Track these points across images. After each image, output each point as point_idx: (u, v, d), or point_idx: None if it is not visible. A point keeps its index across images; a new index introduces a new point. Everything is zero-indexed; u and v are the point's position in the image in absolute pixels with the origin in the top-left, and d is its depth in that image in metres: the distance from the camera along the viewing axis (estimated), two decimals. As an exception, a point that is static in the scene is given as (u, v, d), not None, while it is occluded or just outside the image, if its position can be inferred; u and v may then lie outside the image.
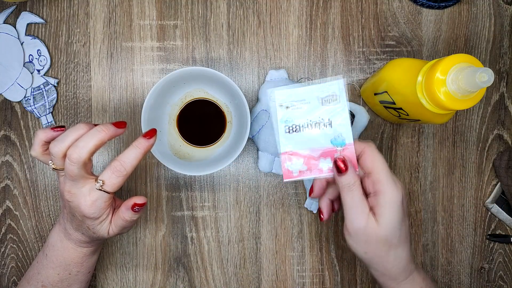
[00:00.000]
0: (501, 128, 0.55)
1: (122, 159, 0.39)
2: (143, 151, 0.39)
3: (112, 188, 0.39)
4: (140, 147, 0.39)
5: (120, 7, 0.54)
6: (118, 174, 0.39)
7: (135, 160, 0.39)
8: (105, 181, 0.39)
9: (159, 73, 0.54)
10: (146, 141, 0.39)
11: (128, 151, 0.39)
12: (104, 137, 0.38)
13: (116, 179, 0.39)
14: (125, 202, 0.42)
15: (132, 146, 0.39)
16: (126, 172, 0.39)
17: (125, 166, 0.39)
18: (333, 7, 0.54)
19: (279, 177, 0.55)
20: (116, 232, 0.42)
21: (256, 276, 0.55)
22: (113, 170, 0.39)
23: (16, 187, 0.54)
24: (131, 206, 0.41)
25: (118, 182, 0.39)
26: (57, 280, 0.45)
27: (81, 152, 0.37)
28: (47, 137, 0.41)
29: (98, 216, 0.40)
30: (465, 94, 0.36)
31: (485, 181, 0.56)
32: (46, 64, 0.53)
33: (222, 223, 0.55)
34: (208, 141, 0.53)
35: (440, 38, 0.55)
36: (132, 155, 0.39)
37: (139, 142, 0.39)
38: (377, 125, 0.55)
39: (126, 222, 0.42)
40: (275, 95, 0.40)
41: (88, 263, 0.46)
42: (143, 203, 0.42)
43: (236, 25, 0.54)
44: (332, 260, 0.55)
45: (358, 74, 0.55)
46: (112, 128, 0.39)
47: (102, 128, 0.39)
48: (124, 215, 0.42)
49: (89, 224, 0.41)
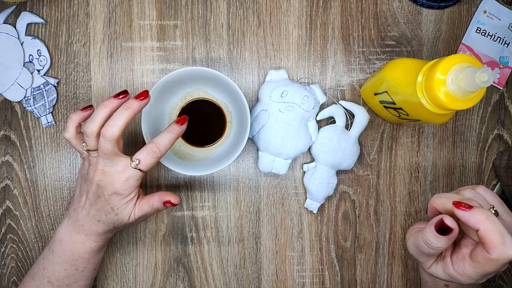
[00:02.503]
0: (501, 128, 0.55)
1: (157, 141, 0.42)
2: (175, 136, 0.43)
3: (146, 167, 0.42)
4: (173, 132, 0.43)
5: (120, 7, 0.54)
6: (153, 155, 0.42)
7: (169, 143, 0.43)
8: (140, 160, 0.42)
9: (159, 73, 0.54)
10: (179, 127, 0.44)
11: (163, 135, 0.43)
12: (130, 113, 0.41)
13: (151, 159, 0.42)
14: (161, 193, 0.45)
15: (166, 131, 0.43)
16: (160, 153, 0.42)
17: (160, 148, 0.42)
18: (333, 7, 0.54)
19: (279, 177, 0.55)
20: (136, 218, 0.45)
21: (256, 276, 0.55)
22: (148, 151, 0.42)
23: (16, 187, 0.54)
24: (165, 202, 0.45)
25: (152, 162, 0.42)
26: (64, 275, 0.45)
27: (113, 130, 0.41)
28: (80, 118, 0.44)
29: (128, 193, 0.43)
30: (465, 94, 0.36)
31: (485, 181, 0.56)
32: (46, 64, 0.53)
33: (222, 223, 0.55)
34: (208, 141, 0.53)
35: (440, 38, 0.55)
36: (166, 138, 0.43)
37: (172, 128, 0.43)
38: (377, 125, 0.55)
39: (153, 210, 0.45)
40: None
41: (95, 260, 0.47)
42: (176, 204, 0.45)
43: (236, 25, 0.54)
44: (332, 260, 0.55)
45: (358, 74, 0.55)
46: (136, 104, 0.42)
47: (127, 105, 0.42)
48: (154, 203, 0.45)
49: (115, 204, 0.43)
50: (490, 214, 0.32)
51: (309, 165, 0.53)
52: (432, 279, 0.43)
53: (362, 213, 0.55)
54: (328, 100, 0.54)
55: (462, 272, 0.34)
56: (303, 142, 0.51)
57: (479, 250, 0.33)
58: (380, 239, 0.55)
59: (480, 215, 0.32)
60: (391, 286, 0.55)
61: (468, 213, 0.32)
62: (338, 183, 0.55)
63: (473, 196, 0.36)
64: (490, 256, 0.32)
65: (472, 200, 0.34)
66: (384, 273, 0.55)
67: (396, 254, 0.55)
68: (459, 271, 0.35)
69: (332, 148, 0.52)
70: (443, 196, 0.36)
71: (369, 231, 0.55)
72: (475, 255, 0.33)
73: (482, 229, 0.32)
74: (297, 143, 0.51)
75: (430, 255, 0.36)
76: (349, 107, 0.53)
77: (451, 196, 0.35)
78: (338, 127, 0.52)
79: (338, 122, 0.53)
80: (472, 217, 0.32)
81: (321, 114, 0.53)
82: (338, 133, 0.52)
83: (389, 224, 0.55)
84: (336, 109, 0.53)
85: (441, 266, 0.36)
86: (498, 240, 0.31)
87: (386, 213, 0.55)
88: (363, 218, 0.55)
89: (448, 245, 0.34)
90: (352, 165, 0.53)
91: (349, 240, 0.55)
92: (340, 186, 0.55)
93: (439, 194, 0.36)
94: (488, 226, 0.32)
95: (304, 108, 0.51)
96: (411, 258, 0.56)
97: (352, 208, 0.55)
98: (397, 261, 0.55)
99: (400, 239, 0.55)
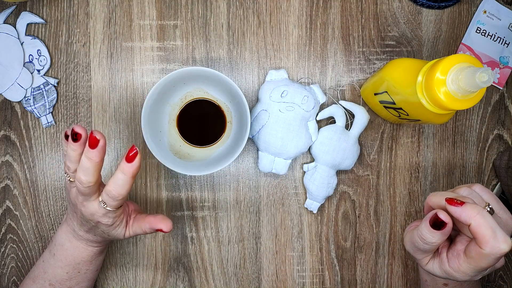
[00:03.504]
0: (501, 128, 0.55)
1: (112, 185, 0.38)
2: (129, 177, 0.38)
3: (113, 207, 0.40)
4: (125, 173, 0.38)
5: (120, 7, 0.54)
6: (115, 199, 0.39)
7: (125, 186, 0.38)
8: (105, 202, 0.39)
9: (159, 73, 0.54)
10: (129, 166, 0.38)
11: (116, 177, 0.38)
12: (94, 166, 0.37)
13: (114, 202, 0.39)
14: (152, 220, 0.43)
15: (118, 171, 0.38)
16: (121, 197, 0.39)
17: (117, 192, 0.38)
18: (333, 7, 0.54)
19: (279, 177, 0.55)
20: (131, 235, 0.44)
21: (256, 276, 0.55)
22: (108, 195, 0.39)
23: (16, 187, 0.54)
24: (156, 230, 0.43)
25: (117, 204, 0.39)
26: (66, 278, 0.45)
27: (88, 178, 0.38)
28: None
29: (112, 223, 0.42)
30: (465, 94, 0.36)
31: (485, 181, 0.56)
32: (46, 64, 0.53)
33: (222, 223, 0.55)
34: (208, 141, 0.53)
35: (440, 38, 0.55)
36: (119, 181, 0.38)
37: (122, 168, 0.38)
38: (377, 125, 0.55)
39: (145, 233, 0.44)
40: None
41: (97, 261, 0.47)
42: (167, 231, 0.43)
43: (236, 25, 0.54)
44: (332, 260, 0.55)
45: (358, 74, 0.55)
46: (94, 154, 0.37)
47: (89, 155, 0.37)
48: (146, 229, 0.43)
49: (104, 230, 0.42)
50: (481, 209, 0.32)
51: (309, 165, 0.53)
52: (431, 279, 0.43)
53: (362, 213, 0.55)
54: (328, 100, 0.54)
55: (457, 269, 0.35)
56: (303, 142, 0.51)
57: (472, 245, 0.33)
58: (380, 239, 0.55)
59: (471, 210, 0.32)
60: (391, 286, 0.55)
61: (460, 209, 0.33)
62: (338, 183, 0.55)
63: (469, 194, 0.36)
64: (482, 251, 0.32)
65: (466, 198, 0.34)
66: (384, 273, 0.55)
67: (396, 254, 0.55)
68: (455, 268, 0.35)
69: (332, 148, 0.52)
70: (438, 194, 0.36)
71: (369, 231, 0.55)
72: (469, 251, 0.34)
73: (473, 224, 0.32)
74: (297, 143, 0.51)
75: (426, 252, 0.36)
76: (349, 107, 0.53)
77: (446, 194, 0.35)
78: (338, 127, 0.52)
79: (338, 122, 0.53)
80: (463, 212, 0.33)
81: (321, 114, 0.53)
82: (338, 133, 0.52)
83: (389, 224, 0.55)
84: (336, 109, 0.53)
85: (438, 263, 0.37)
86: (490, 234, 0.32)
87: (386, 213, 0.55)
88: (363, 218, 0.55)
89: (443, 241, 0.35)
90: (352, 165, 0.53)
91: (349, 240, 0.55)
92: (340, 186, 0.55)
93: (434, 192, 0.37)
94: (479, 221, 0.32)
95: (304, 108, 0.51)
96: (411, 258, 0.56)
97: (352, 208, 0.55)
98: (397, 261, 0.55)
99: (400, 239, 0.55)
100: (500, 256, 0.32)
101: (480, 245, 0.32)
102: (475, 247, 0.33)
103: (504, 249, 0.31)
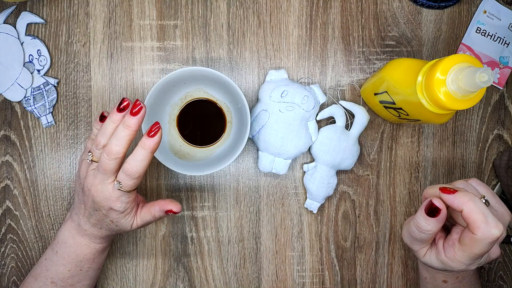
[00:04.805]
0: (501, 128, 0.55)
1: (131, 162, 0.39)
2: (149, 151, 0.39)
3: (128, 189, 0.40)
4: (145, 148, 0.39)
5: (120, 7, 0.54)
6: (131, 177, 0.40)
7: (144, 161, 0.39)
8: (121, 182, 0.40)
9: (159, 73, 0.54)
10: (150, 140, 0.39)
11: (136, 153, 0.39)
12: (131, 133, 0.39)
13: (130, 181, 0.40)
14: (162, 202, 0.44)
15: (138, 147, 0.39)
16: (138, 174, 0.39)
17: (136, 169, 0.39)
18: (333, 7, 0.54)
19: (279, 177, 0.55)
20: (139, 225, 0.44)
21: (256, 276, 0.55)
22: (125, 173, 0.39)
23: (16, 187, 0.54)
24: (167, 211, 0.44)
25: (133, 184, 0.40)
26: (68, 276, 0.45)
27: (118, 149, 0.39)
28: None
29: (124, 210, 0.42)
30: (465, 94, 0.36)
31: (485, 181, 0.56)
32: (46, 64, 0.53)
33: (222, 223, 0.55)
34: (208, 141, 0.53)
35: (440, 38, 0.55)
36: (139, 156, 0.39)
37: (143, 143, 0.39)
38: (377, 125, 0.55)
39: (154, 219, 0.44)
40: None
41: (99, 260, 0.47)
42: (178, 212, 0.44)
43: (236, 25, 0.54)
44: (332, 260, 0.55)
45: (358, 74, 0.55)
46: (133, 121, 0.39)
47: (127, 123, 0.39)
48: (156, 213, 0.44)
49: (113, 218, 0.42)
50: (473, 196, 0.33)
51: (309, 165, 0.53)
52: (430, 275, 0.44)
53: (362, 213, 0.55)
54: (328, 100, 0.54)
55: (452, 257, 0.35)
56: (303, 142, 0.51)
57: (466, 232, 0.34)
58: (380, 239, 0.55)
59: (464, 197, 0.33)
60: (391, 286, 0.56)
61: (453, 196, 0.34)
62: (338, 183, 0.55)
63: (464, 187, 0.37)
64: (475, 236, 0.33)
65: (460, 188, 0.35)
66: (384, 273, 0.55)
67: (396, 254, 0.55)
68: (450, 256, 0.36)
69: (332, 148, 0.52)
70: (434, 186, 0.37)
71: (369, 231, 0.55)
72: (462, 238, 0.35)
73: (465, 210, 0.33)
74: (297, 143, 0.51)
75: (423, 242, 0.37)
76: (349, 107, 0.53)
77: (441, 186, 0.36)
78: (338, 127, 0.52)
79: (338, 122, 0.53)
80: (456, 199, 0.34)
81: (321, 114, 0.53)
82: (338, 133, 0.52)
83: (389, 224, 0.55)
84: (336, 109, 0.53)
85: (434, 254, 0.37)
86: (481, 219, 0.32)
87: (386, 213, 0.55)
88: (363, 218, 0.55)
89: (438, 229, 0.35)
90: (352, 165, 0.53)
91: (349, 240, 0.55)
92: (340, 186, 0.55)
93: (430, 186, 0.38)
94: (471, 207, 0.33)
95: (304, 108, 0.51)
96: (411, 258, 0.56)
97: (352, 208, 0.55)
98: (397, 261, 0.55)
99: (400, 239, 0.55)
100: (492, 241, 0.33)
101: (472, 231, 0.33)
102: (468, 233, 0.34)
103: (496, 234, 0.32)
